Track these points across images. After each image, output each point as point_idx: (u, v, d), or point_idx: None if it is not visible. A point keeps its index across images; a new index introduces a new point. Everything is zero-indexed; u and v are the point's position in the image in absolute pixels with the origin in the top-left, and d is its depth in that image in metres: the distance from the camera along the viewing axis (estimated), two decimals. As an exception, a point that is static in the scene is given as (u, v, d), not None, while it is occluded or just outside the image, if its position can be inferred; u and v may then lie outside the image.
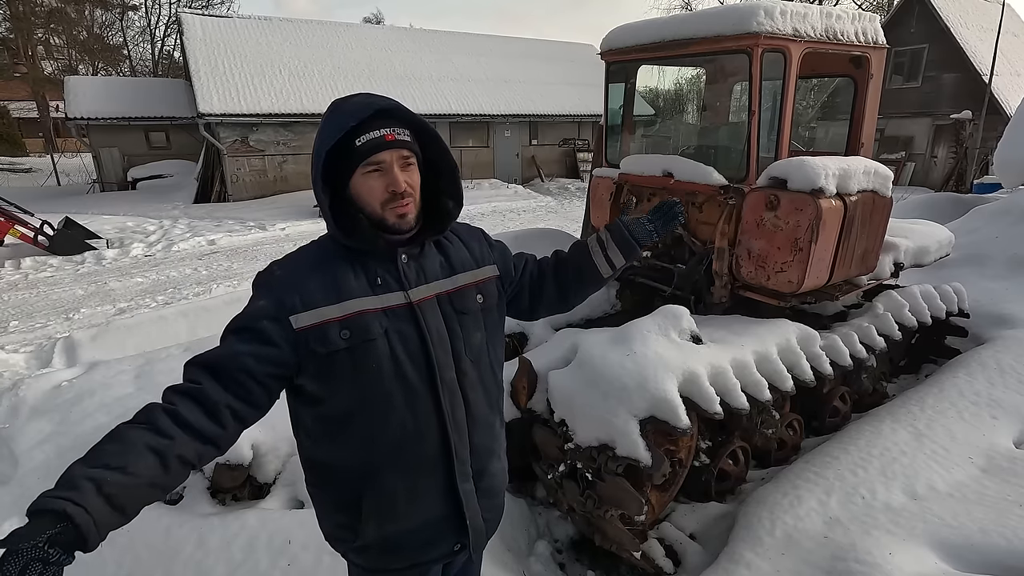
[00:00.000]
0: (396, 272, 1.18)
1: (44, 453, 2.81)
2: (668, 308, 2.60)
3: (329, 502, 1.26)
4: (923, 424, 2.81)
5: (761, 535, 2.19)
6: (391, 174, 1.13)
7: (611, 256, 1.46)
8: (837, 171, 2.84)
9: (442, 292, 1.23)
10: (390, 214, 1.15)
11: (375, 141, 1.11)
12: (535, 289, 1.47)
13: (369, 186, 1.14)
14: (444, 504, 1.24)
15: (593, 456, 2.26)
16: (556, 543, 2.67)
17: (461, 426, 1.22)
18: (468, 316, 1.25)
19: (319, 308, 1.11)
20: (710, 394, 2.28)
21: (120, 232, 10.24)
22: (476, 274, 1.30)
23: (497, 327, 1.35)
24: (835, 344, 2.98)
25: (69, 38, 26.93)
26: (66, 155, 23.69)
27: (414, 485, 1.21)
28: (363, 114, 1.11)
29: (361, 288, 1.15)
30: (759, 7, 2.91)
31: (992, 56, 13.47)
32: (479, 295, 1.29)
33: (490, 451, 1.32)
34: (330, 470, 1.22)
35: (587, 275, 1.48)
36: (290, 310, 1.10)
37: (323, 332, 1.10)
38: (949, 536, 2.05)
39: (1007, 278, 4.42)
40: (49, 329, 5.57)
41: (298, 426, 1.25)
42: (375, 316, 1.14)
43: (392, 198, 1.14)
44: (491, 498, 1.34)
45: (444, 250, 1.28)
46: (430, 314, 1.19)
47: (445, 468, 1.22)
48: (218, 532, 2.16)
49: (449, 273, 1.26)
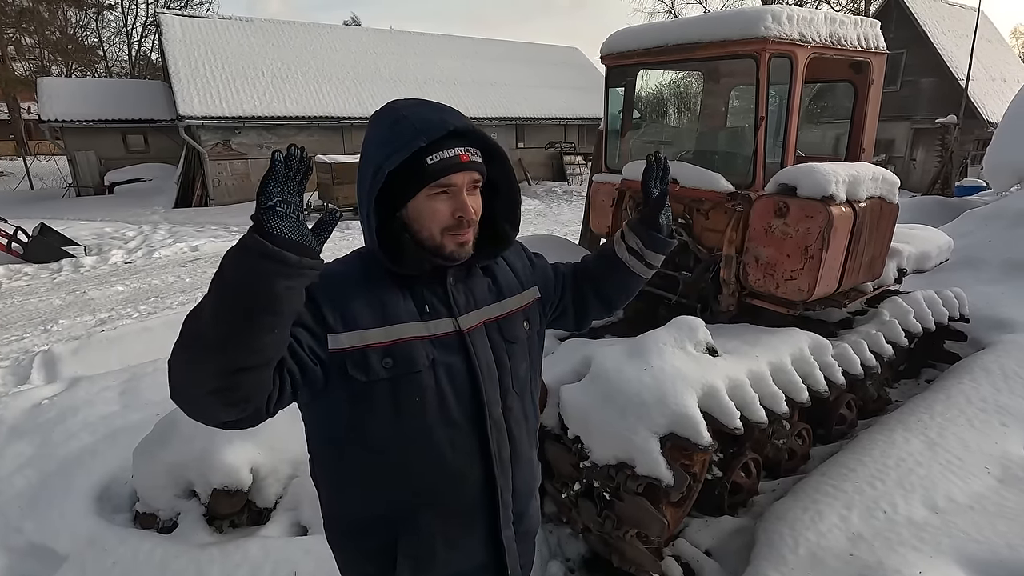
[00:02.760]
0: (445, 296, 1.07)
1: (26, 479, 2.65)
2: (682, 319, 2.53)
3: (357, 552, 1.14)
4: (935, 433, 2.78)
5: (784, 553, 2.13)
6: (459, 198, 1.01)
7: (650, 261, 1.33)
8: (847, 178, 2.81)
9: (490, 319, 1.13)
10: (450, 241, 1.03)
11: (449, 161, 0.98)
12: (579, 304, 1.36)
13: (434, 209, 1.01)
14: (484, 552, 1.14)
15: (611, 475, 2.18)
16: (568, 562, 2.59)
17: (506, 467, 1.12)
18: (516, 345, 1.15)
19: (363, 330, 0.99)
20: (730, 409, 2.22)
21: (98, 238, 9.93)
22: (522, 298, 1.20)
23: (539, 356, 1.25)
24: (846, 353, 2.95)
25: (41, 38, 26.21)
26: (39, 158, 23.03)
27: (454, 530, 1.11)
28: (436, 133, 0.98)
29: (408, 313, 1.03)
30: (767, 12, 2.87)
31: (968, 62, 13.77)
32: (525, 321, 1.18)
33: (531, 492, 1.24)
34: (358, 517, 1.11)
35: (632, 284, 1.36)
36: (330, 327, 0.97)
37: (364, 357, 0.98)
38: (976, 552, 2.01)
39: (1002, 282, 4.45)
40: (26, 342, 5.33)
41: (321, 470, 1.13)
42: (422, 344, 1.03)
43: (457, 224, 1.02)
44: (527, 542, 1.26)
45: (490, 271, 1.17)
46: (479, 343, 1.09)
47: (488, 513, 1.12)
48: (218, 564, 2.04)
49: (497, 297, 1.15)
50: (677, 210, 3.48)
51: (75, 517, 2.35)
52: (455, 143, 1.00)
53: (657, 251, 1.31)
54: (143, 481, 2.43)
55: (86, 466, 2.71)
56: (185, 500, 2.36)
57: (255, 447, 2.34)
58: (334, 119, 14.74)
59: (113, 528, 2.30)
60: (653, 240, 1.29)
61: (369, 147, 1.02)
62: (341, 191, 11.53)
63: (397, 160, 0.96)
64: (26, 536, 2.27)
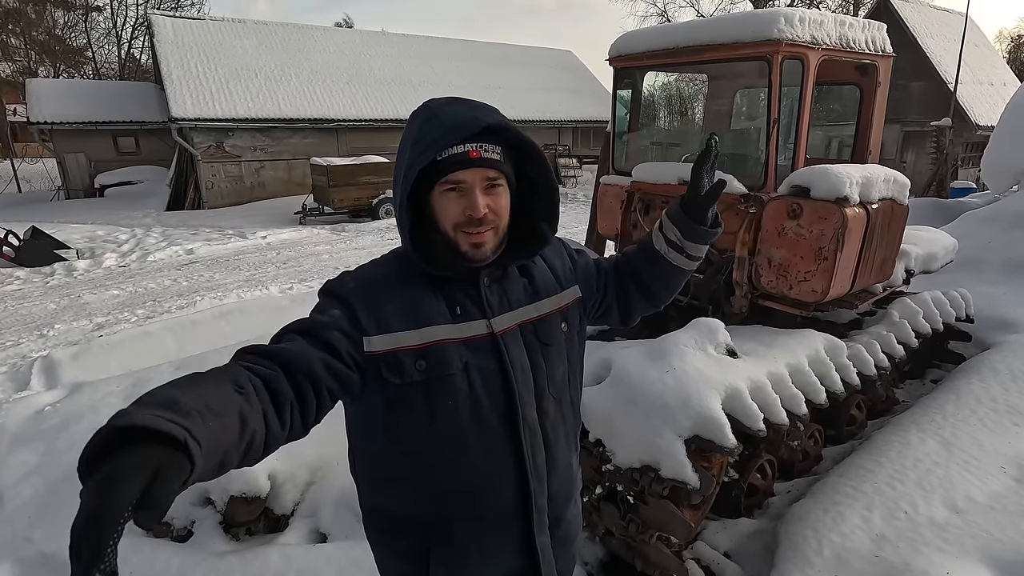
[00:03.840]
0: (478, 297, 1.06)
1: (32, 487, 2.58)
2: (702, 321, 2.53)
3: (395, 550, 1.13)
4: (949, 433, 2.80)
5: (809, 555, 2.12)
6: (471, 196, 0.99)
7: (691, 253, 1.23)
8: (860, 179, 2.83)
9: (526, 320, 1.10)
10: (463, 240, 1.01)
11: (457, 157, 0.97)
12: (623, 300, 1.30)
13: (445, 206, 1.01)
14: (519, 558, 1.12)
15: (635, 478, 2.17)
16: (587, 566, 2.57)
17: (541, 471, 1.10)
18: (552, 347, 1.12)
19: (395, 333, 0.99)
20: (754, 410, 2.21)
21: (90, 241, 9.80)
22: (560, 298, 1.16)
23: (579, 357, 1.22)
24: (860, 354, 2.96)
25: (28, 39, 25.86)
26: (28, 160, 22.69)
27: (488, 537, 1.09)
28: (469, 130, 0.96)
29: (441, 315, 1.03)
30: (779, 14, 2.88)
31: (956, 66, 13.96)
32: (563, 323, 1.15)
33: (569, 497, 1.21)
34: (394, 515, 1.10)
35: (675, 277, 1.28)
36: (364, 330, 0.97)
37: (397, 360, 0.98)
38: (1001, 552, 2.01)
39: (1004, 283, 4.50)
40: (22, 347, 5.23)
41: (359, 466, 1.13)
42: (455, 347, 1.02)
43: (468, 223, 1.00)
44: (566, 547, 1.23)
45: (527, 271, 1.15)
46: (513, 346, 1.07)
47: (522, 518, 1.10)
48: (238, 573, 1.99)
49: (533, 298, 1.12)
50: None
51: (87, 526, 2.29)
52: (483, 140, 0.98)
53: (699, 242, 1.22)
54: (156, 489, 2.38)
55: (94, 474, 2.65)
56: (200, 508, 2.31)
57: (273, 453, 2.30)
58: (328, 121, 14.67)
59: (126, 537, 2.23)
60: (694, 231, 1.20)
61: (403, 147, 1.01)
62: (337, 193, 11.46)
63: (427, 159, 0.96)
64: (37, 546, 2.21)
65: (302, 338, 0.94)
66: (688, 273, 1.28)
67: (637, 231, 3.80)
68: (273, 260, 8.92)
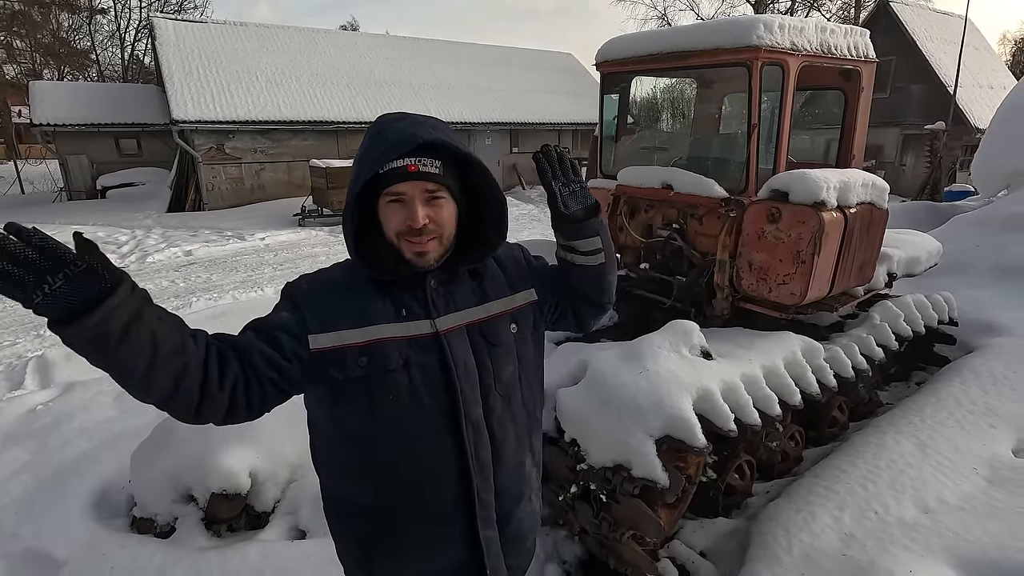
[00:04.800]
0: (424, 299, 1.12)
1: (22, 484, 2.64)
2: (677, 323, 2.57)
3: (349, 535, 1.21)
4: (925, 435, 2.83)
5: (779, 554, 2.16)
6: (411, 207, 1.05)
7: (584, 250, 1.23)
8: (838, 184, 2.86)
9: (472, 321, 1.15)
10: (407, 248, 1.08)
11: (396, 171, 1.04)
12: (570, 305, 1.33)
13: (388, 216, 1.08)
14: (464, 551, 1.16)
15: (608, 477, 2.21)
16: (565, 564, 2.60)
17: (486, 467, 1.14)
18: (500, 348, 1.17)
19: (340, 331, 1.07)
20: (725, 411, 2.25)
21: (90, 243, 9.87)
22: (511, 301, 1.21)
23: (532, 359, 1.25)
24: (838, 356, 3.00)
25: (33, 42, 26.05)
26: (31, 162, 22.86)
27: (430, 530, 1.14)
28: (407, 146, 1.03)
29: (386, 315, 1.09)
30: (759, 20, 2.92)
31: (956, 69, 13.97)
32: (513, 324, 1.20)
33: (518, 494, 1.22)
34: (345, 500, 1.17)
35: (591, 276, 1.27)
36: (309, 328, 1.06)
37: (341, 356, 1.06)
38: (966, 551, 2.04)
39: (990, 286, 4.52)
40: (19, 347, 5.29)
41: (317, 457, 1.20)
42: (396, 345, 1.08)
43: (409, 232, 1.06)
44: (517, 543, 1.25)
45: (478, 275, 1.20)
46: (457, 345, 1.11)
47: (466, 513, 1.14)
48: (217, 569, 2.04)
49: (481, 300, 1.17)
50: (671, 215, 3.53)
51: (72, 522, 2.34)
52: (423, 154, 1.05)
53: (583, 236, 1.22)
54: (141, 486, 2.43)
55: (83, 471, 2.71)
56: (183, 505, 2.36)
57: (253, 451, 2.35)
58: (328, 123, 14.75)
59: (111, 533, 2.30)
60: (571, 231, 1.22)
61: (356, 161, 1.10)
62: (336, 195, 11.53)
63: (370, 172, 1.04)
64: (23, 542, 2.26)
65: (253, 333, 1.07)
66: (600, 269, 1.26)
67: (623, 234, 3.84)
68: (270, 262, 8.98)
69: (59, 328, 0.79)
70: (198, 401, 0.95)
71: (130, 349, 0.84)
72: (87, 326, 0.79)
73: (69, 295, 0.77)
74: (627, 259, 3.89)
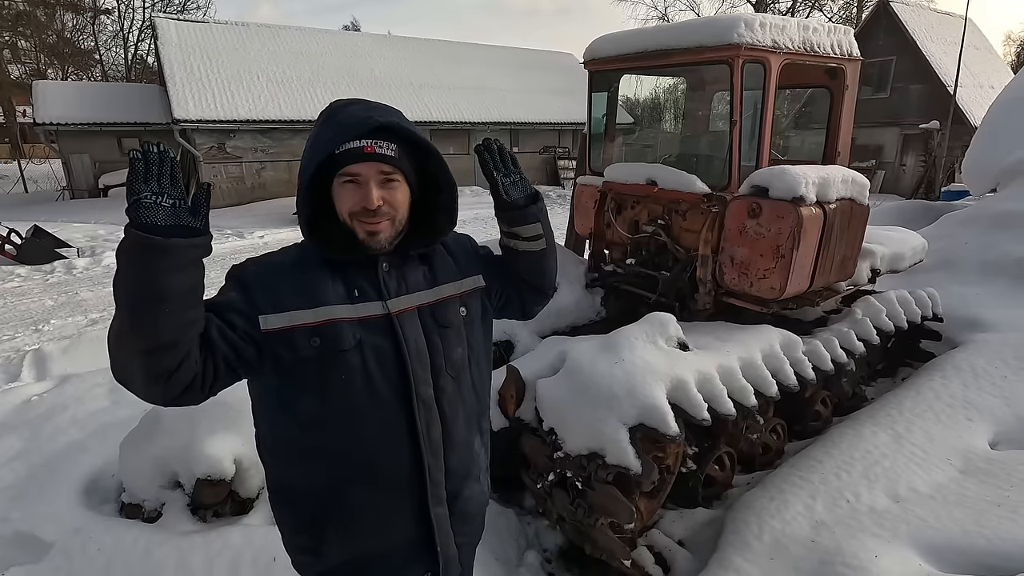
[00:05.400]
0: (376, 281, 1.14)
1: (14, 472, 2.70)
2: (655, 315, 2.61)
3: (291, 523, 1.21)
4: (902, 427, 2.87)
5: (750, 540, 2.20)
6: (366, 188, 1.08)
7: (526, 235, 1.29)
8: (817, 180, 2.90)
9: (423, 304, 1.18)
10: (359, 228, 1.10)
11: (352, 151, 1.06)
12: (515, 292, 1.38)
13: (341, 196, 1.09)
14: (415, 528, 1.19)
15: (583, 464, 2.25)
16: (545, 552, 2.65)
17: (436, 446, 1.17)
18: (450, 330, 1.20)
19: (290, 311, 1.07)
20: (698, 401, 2.29)
21: (91, 240, 9.97)
22: (460, 285, 1.25)
23: (481, 343, 1.29)
24: (817, 349, 3.03)
25: (38, 42, 26.23)
26: (34, 161, 23.02)
27: (383, 505, 1.16)
28: (361, 130, 1.05)
29: (337, 296, 1.10)
30: (740, 19, 2.97)
31: (956, 69, 13.96)
32: (462, 308, 1.24)
33: (467, 473, 1.26)
34: (291, 489, 1.17)
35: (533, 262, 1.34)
36: (259, 309, 1.06)
37: (291, 337, 1.06)
38: (932, 538, 2.08)
39: (978, 283, 4.55)
40: (17, 341, 5.38)
41: (263, 445, 1.20)
42: (349, 326, 1.09)
43: (363, 212, 1.08)
44: (466, 522, 1.29)
45: (428, 259, 1.23)
46: (409, 326, 1.14)
47: (417, 490, 1.17)
48: (200, 551, 2.09)
49: (432, 284, 1.21)
50: (657, 211, 3.58)
51: (62, 508, 2.40)
52: (379, 137, 1.07)
53: (525, 223, 1.28)
54: (129, 473, 2.49)
55: (74, 460, 2.77)
56: (170, 491, 2.41)
57: (238, 439, 2.41)
58: (329, 123, 14.81)
59: (99, 518, 2.36)
60: (512, 217, 1.28)
61: (308, 143, 1.10)
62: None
63: (322, 155, 1.05)
64: (12, 525, 2.32)
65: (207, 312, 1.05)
66: (542, 254, 1.32)
67: (610, 230, 3.89)
68: (269, 259, 9.04)
69: (144, 233, 0.89)
70: (174, 368, 0.95)
71: (179, 282, 0.92)
72: (177, 245, 0.90)
73: (180, 214, 0.92)
74: (614, 255, 3.94)
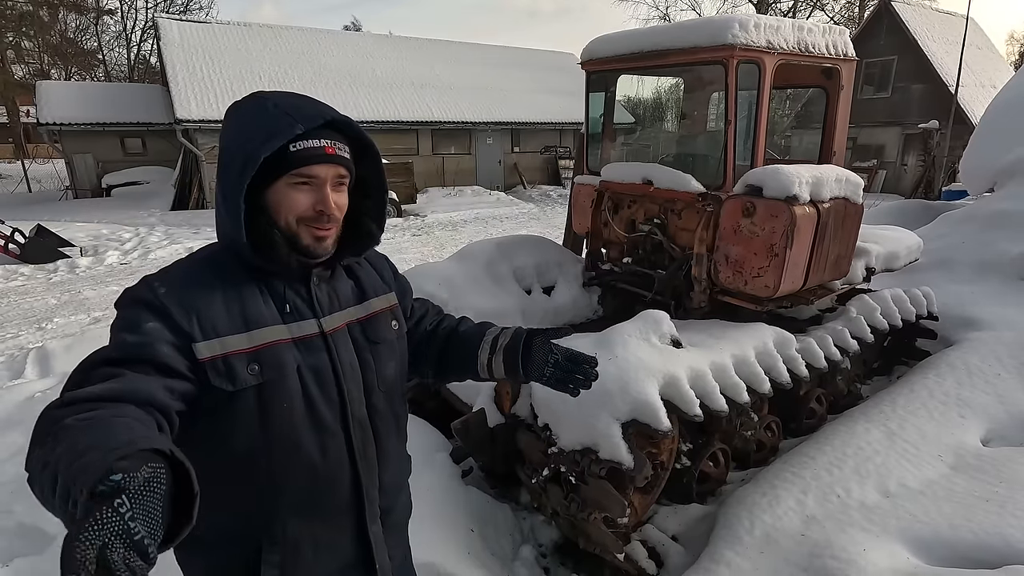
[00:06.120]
0: (308, 296, 1.04)
1: (16, 466, 2.74)
2: (648, 313, 2.64)
3: (226, 566, 1.04)
4: (895, 424, 2.89)
5: (741, 534, 2.23)
6: (322, 191, 0.98)
7: (494, 364, 1.27)
8: (810, 179, 2.93)
9: (353, 320, 1.11)
10: (306, 234, 0.99)
11: (313, 152, 0.95)
12: (422, 346, 1.32)
13: (293, 199, 0.97)
14: (353, 549, 1.13)
15: (576, 459, 2.28)
16: (540, 547, 2.68)
17: (372, 465, 1.11)
18: (382, 345, 1.14)
19: (224, 337, 0.94)
20: (690, 397, 2.32)
21: (94, 240, 10.03)
22: (389, 299, 1.20)
23: (406, 355, 1.25)
24: (810, 347, 3.06)
25: (42, 42, 26.35)
26: (38, 161, 23.14)
27: (322, 531, 1.08)
28: (312, 123, 0.95)
29: (271, 315, 0.99)
30: (734, 20, 3.00)
31: (958, 68, 13.95)
32: (394, 321, 1.19)
33: (399, 487, 1.24)
34: (224, 530, 1.01)
35: (468, 366, 1.30)
36: (191, 336, 0.91)
37: (229, 366, 0.93)
38: (920, 532, 2.11)
39: (974, 282, 4.57)
40: (21, 339, 5.43)
41: None
42: (287, 348, 0.99)
43: (316, 217, 0.98)
44: (397, 533, 1.26)
45: (354, 273, 1.16)
46: (342, 345, 1.06)
47: (355, 511, 1.11)
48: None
49: (360, 298, 1.14)
50: (653, 210, 3.61)
51: (64, 501, 2.44)
52: (327, 135, 0.98)
53: (506, 367, 1.27)
54: (130, 467, 2.52)
55: (76, 455, 2.81)
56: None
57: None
58: (330, 123, 14.88)
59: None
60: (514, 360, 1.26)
61: (236, 135, 0.97)
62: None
63: (274, 145, 0.92)
64: (16, 517, 2.37)
65: (125, 368, 0.83)
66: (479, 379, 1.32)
67: (607, 229, 3.92)
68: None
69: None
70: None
71: None
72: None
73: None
74: (611, 253, 3.97)
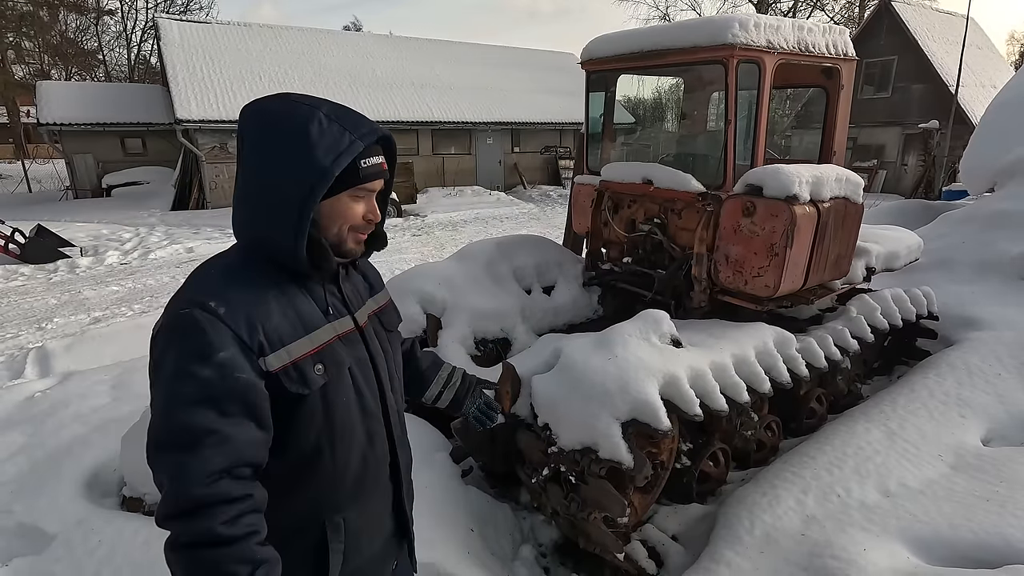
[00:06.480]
0: (340, 295, 1.13)
1: (16, 466, 2.74)
2: (648, 312, 2.64)
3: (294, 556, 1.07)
4: (895, 424, 2.89)
5: (741, 534, 2.23)
6: (371, 202, 1.09)
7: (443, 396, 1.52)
8: (810, 178, 2.93)
9: (373, 311, 1.23)
10: (351, 239, 1.09)
11: (376, 169, 1.06)
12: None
13: (353, 209, 1.06)
14: (392, 522, 1.25)
15: (576, 459, 2.28)
16: (540, 547, 2.68)
17: (403, 443, 1.25)
18: (394, 333, 1.29)
19: (289, 345, 0.99)
20: (690, 396, 2.32)
21: (94, 240, 10.03)
22: (386, 292, 1.32)
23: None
24: (810, 347, 3.06)
25: (42, 42, 26.36)
26: (38, 161, 23.15)
27: (373, 509, 1.19)
28: (370, 139, 1.04)
29: (319, 316, 1.06)
30: (734, 19, 2.99)
31: (958, 68, 13.95)
32: (396, 312, 1.33)
33: (411, 460, 1.34)
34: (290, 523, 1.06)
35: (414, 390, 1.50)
36: (259, 351, 0.95)
37: (300, 371, 0.99)
38: (920, 531, 2.11)
39: (974, 282, 4.57)
40: (21, 339, 5.43)
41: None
42: (338, 345, 1.08)
43: (364, 225, 1.09)
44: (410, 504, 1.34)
45: (361, 269, 1.26)
46: (371, 336, 1.17)
47: (395, 489, 1.24)
48: (199, 542, 2.13)
49: (372, 292, 1.26)
50: (653, 210, 3.60)
51: (64, 501, 2.44)
52: (377, 150, 1.08)
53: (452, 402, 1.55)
54: (130, 467, 2.52)
55: (76, 454, 2.81)
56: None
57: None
58: (330, 123, 14.86)
59: (101, 511, 2.40)
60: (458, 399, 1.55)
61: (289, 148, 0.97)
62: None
63: (344, 163, 0.98)
64: (16, 517, 2.37)
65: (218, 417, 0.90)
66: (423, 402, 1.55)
67: (607, 229, 3.92)
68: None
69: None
70: None
71: None
72: None
73: None
74: (611, 253, 3.97)
